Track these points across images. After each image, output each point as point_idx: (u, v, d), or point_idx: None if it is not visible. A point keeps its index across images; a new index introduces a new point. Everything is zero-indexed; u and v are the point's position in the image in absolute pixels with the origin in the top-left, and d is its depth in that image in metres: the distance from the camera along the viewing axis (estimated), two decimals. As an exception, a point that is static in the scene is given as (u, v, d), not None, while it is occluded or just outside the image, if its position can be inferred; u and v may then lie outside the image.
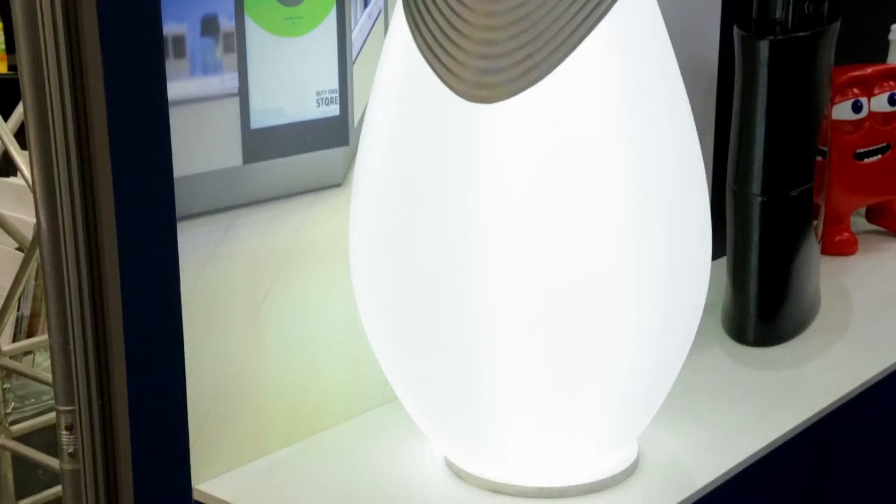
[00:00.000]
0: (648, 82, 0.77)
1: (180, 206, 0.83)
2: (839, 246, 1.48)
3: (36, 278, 1.21)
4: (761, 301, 1.16)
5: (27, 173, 0.81)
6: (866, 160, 1.46)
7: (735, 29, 1.14)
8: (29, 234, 1.01)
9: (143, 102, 0.76)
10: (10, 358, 1.00)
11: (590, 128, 0.74)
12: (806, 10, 1.13)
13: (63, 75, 0.73)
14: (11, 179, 1.33)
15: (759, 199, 1.14)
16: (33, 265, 0.98)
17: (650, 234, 0.77)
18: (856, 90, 1.44)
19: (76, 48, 0.74)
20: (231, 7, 0.86)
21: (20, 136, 0.86)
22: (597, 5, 0.74)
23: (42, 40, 0.74)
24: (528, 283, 0.76)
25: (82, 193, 0.75)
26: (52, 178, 0.74)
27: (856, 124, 1.44)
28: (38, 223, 0.75)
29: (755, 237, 1.15)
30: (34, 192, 0.75)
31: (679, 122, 0.80)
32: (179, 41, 0.83)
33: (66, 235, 0.75)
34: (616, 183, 0.75)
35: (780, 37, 1.12)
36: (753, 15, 1.16)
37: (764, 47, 1.11)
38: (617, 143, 0.75)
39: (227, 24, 0.86)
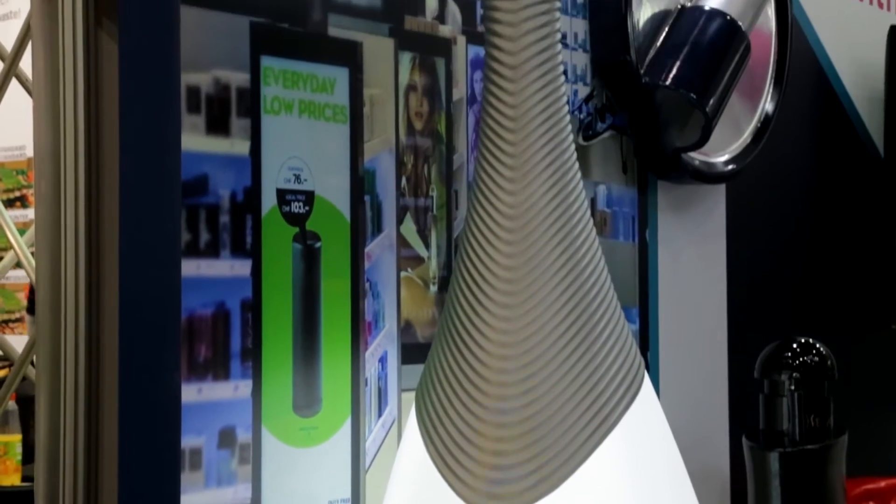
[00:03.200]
0: (659, 493, 0.77)
1: None
2: None
3: None
4: None
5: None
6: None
7: (744, 440, 1.16)
8: None
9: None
10: None
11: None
12: (812, 423, 1.15)
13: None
14: None
15: None
16: None
17: None
18: (871, 503, 1.42)
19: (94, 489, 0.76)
20: (249, 419, 0.88)
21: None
22: (606, 417, 0.75)
23: (62, 458, 0.76)
24: None
25: None
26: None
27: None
28: None
29: None
30: None
31: (693, 534, 0.79)
32: (196, 454, 0.85)
33: None
34: None
35: (788, 449, 1.13)
36: (761, 426, 1.18)
37: (774, 459, 1.12)
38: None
39: (244, 435, 0.88)
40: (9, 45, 0.92)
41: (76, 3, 0.78)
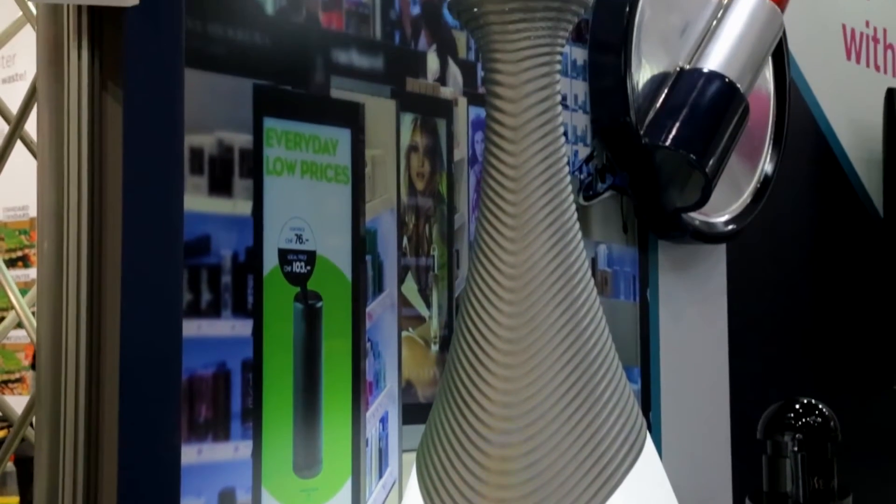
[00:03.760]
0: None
1: None
2: None
3: None
4: None
5: None
6: None
7: (747, 502, 1.15)
8: None
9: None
10: None
11: None
12: (816, 485, 1.14)
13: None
14: None
15: None
16: None
17: None
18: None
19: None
20: (249, 481, 0.87)
21: None
22: (608, 479, 0.75)
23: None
24: None
25: None
26: None
27: None
28: None
29: None
30: None
31: None
32: (196, 514, 0.84)
33: None
34: None
35: (792, 511, 1.12)
36: (764, 487, 1.17)
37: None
38: None
39: (244, 497, 0.87)
40: (14, 107, 0.92)
41: (82, 65, 0.79)
